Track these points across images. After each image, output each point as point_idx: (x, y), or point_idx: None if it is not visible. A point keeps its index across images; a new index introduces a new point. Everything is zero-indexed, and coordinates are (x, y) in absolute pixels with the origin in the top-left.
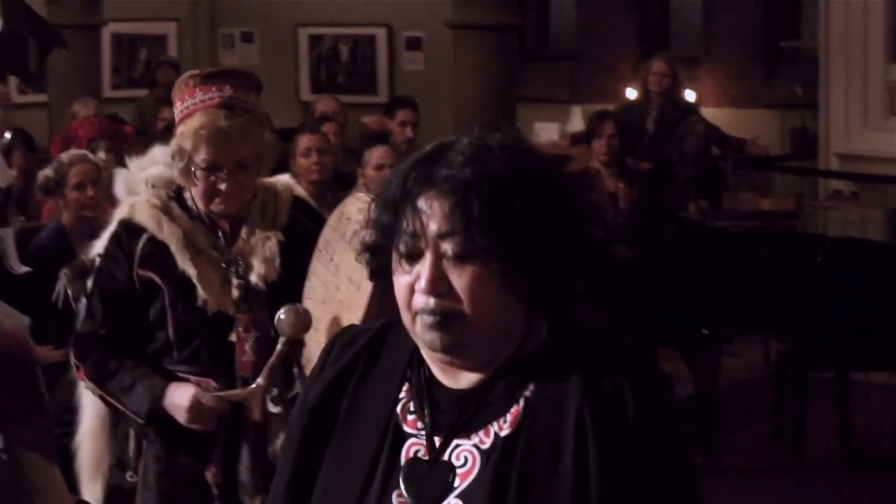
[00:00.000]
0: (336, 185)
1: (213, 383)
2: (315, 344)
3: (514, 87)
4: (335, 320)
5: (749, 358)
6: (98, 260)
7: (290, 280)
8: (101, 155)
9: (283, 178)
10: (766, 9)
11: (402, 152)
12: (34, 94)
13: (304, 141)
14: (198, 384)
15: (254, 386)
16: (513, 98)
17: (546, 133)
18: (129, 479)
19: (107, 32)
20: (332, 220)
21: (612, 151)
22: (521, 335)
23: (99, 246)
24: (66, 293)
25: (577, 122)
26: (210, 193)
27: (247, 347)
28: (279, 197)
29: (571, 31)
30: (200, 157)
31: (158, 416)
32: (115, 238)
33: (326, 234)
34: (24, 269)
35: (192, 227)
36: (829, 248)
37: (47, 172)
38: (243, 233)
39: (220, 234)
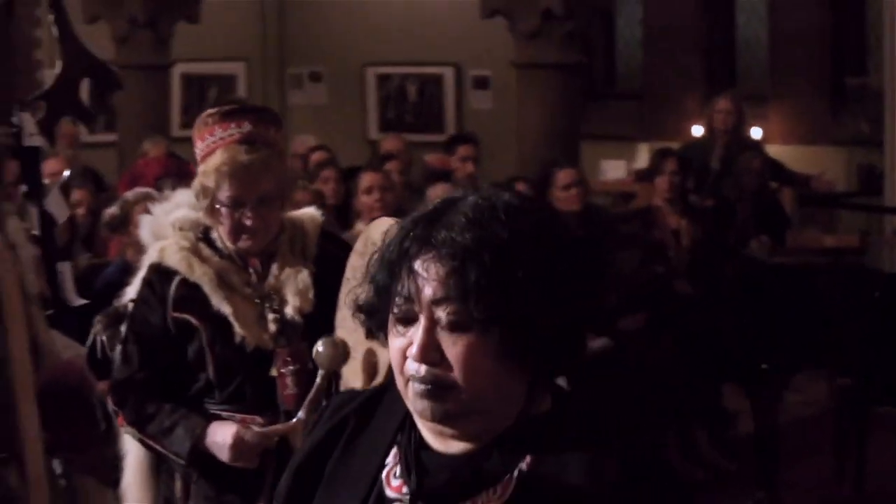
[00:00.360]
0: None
1: (258, 419)
2: (351, 374)
3: (578, 126)
4: (370, 351)
5: (812, 394)
6: (131, 306)
7: (324, 311)
8: (168, 193)
9: (309, 211)
10: (833, 46)
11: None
12: (104, 133)
13: (366, 179)
14: (242, 422)
15: (294, 420)
16: (576, 136)
17: (612, 170)
18: None
19: (176, 72)
20: (358, 245)
21: (674, 188)
22: (521, 404)
23: (131, 292)
24: (101, 341)
25: (643, 160)
26: (236, 230)
27: (288, 381)
28: (306, 229)
29: (638, 68)
30: (224, 193)
31: (201, 457)
32: (146, 283)
33: (353, 260)
34: (81, 301)
35: (223, 266)
36: (888, 283)
37: (113, 210)
38: (274, 268)
39: (251, 270)
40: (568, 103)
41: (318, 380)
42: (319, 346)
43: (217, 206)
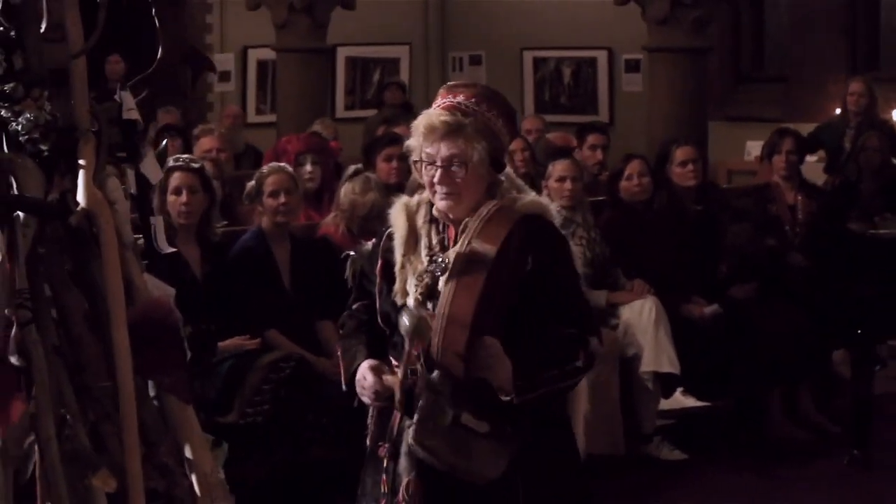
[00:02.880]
0: None
1: (395, 369)
2: None
3: (706, 108)
4: None
5: None
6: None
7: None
8: (308, 168)
9: (533, 198)
10: None
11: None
12: (266, 114)
13: (558, 168)
14: (391, 369)
15: (391, 377)
16: (704, 119)
17: (757, 151)
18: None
19: (341, 55)
20: None
21: (791, 166)
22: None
23: None
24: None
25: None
26: (430, 186)
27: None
28: (508, 212)
29: (785, 52)
30: (419, 151)
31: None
32: (382, 231)
33: None
34: (170, 249)
35: (423, 228)
36: None
37: (251, 182)
38: (461, 239)
39: (440, 237)
40: (696, 86)
41: (406, 346)
42: (403, 317)
43: (416, 162)
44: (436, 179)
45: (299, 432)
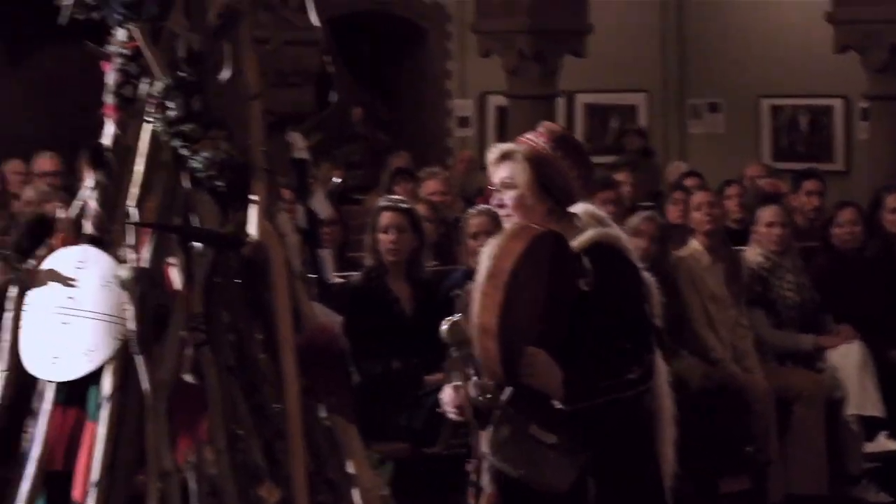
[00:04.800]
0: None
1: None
2: None
3: None
4: None
5: None
6: None
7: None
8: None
9: (605, 229)
10: None
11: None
12: None
13: (767, 214)
14: None
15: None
16: None
17: None
18: None
19: (580, 102)
20: None
21: None
22: None
23: None
24: None
25: None
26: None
27: None
28: (527, 231)
29: None
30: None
31: None
32: None
33: None
34: (336, 279)
35: None
36: None
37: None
38: (486, 256)
39: None
40: None
41: (450, 352)
42: (443, 326)
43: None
44: (494, 202)
45: None
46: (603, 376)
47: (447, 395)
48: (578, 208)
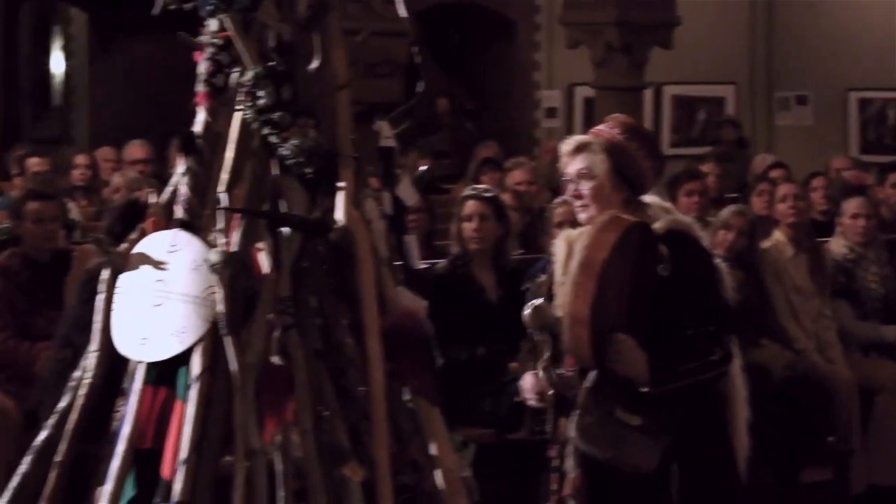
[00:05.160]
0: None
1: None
2: None
3: None
4: None
5: None
6: None
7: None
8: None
9: (677, 217)
10: None
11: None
12: None
13: (852, 206)
14: None
15: (544, 378)
16: None
17: None
18: None
19: (668, 94)
20: None
21: None
22: None
23: None
24: None
25: None
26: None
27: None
28: (619, 222)
29: None
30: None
31: None
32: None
33: None
34: (422, 265)
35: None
36: None
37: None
38: (578, 247)
39: None
40: None
41: (531, 335)
42: (525, 310)
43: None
44: (569, 192)
45: None
46: (686, 359)
47: (527, 382)
48: (647, 198)
